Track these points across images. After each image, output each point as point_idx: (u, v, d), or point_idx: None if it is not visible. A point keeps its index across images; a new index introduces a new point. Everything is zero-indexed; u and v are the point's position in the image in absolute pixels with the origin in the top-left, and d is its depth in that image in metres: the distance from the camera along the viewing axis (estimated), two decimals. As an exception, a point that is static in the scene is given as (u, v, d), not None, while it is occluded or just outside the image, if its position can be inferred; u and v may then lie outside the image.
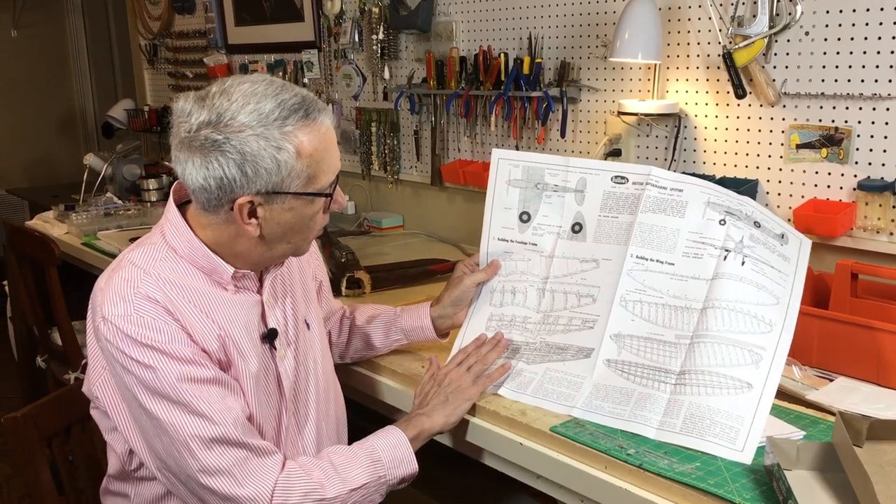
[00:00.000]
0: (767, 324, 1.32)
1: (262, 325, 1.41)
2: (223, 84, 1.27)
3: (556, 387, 1.46)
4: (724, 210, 1.41)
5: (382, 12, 2.89)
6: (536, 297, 1.59)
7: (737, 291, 1.36)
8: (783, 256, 1.34)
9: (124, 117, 4.42)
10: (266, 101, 1.24)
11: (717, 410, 1.29)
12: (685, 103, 2.14)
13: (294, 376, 1.45)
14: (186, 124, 1.24)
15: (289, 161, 1.24)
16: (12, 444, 1.50)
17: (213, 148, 1.22)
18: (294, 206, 1.29)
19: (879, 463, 1.16)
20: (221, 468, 1.24)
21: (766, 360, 1.30)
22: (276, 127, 1.23)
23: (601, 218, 1.53)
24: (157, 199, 3.50)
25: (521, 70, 2.42)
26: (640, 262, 1.47)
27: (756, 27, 1.92)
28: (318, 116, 1.28)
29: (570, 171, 1.58)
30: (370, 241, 2.90)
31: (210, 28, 3.87)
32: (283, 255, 1.39)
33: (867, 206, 1.83)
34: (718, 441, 1.27)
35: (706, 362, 1.34)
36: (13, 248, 2.82)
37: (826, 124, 1.88)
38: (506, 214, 1.63)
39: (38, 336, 2.92)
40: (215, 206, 1.28)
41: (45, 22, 5.59)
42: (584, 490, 1.33)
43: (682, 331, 1.39)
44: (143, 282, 1.27)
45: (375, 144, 3.08)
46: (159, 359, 1.23)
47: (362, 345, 1.73)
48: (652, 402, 1.35)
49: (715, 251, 1.40)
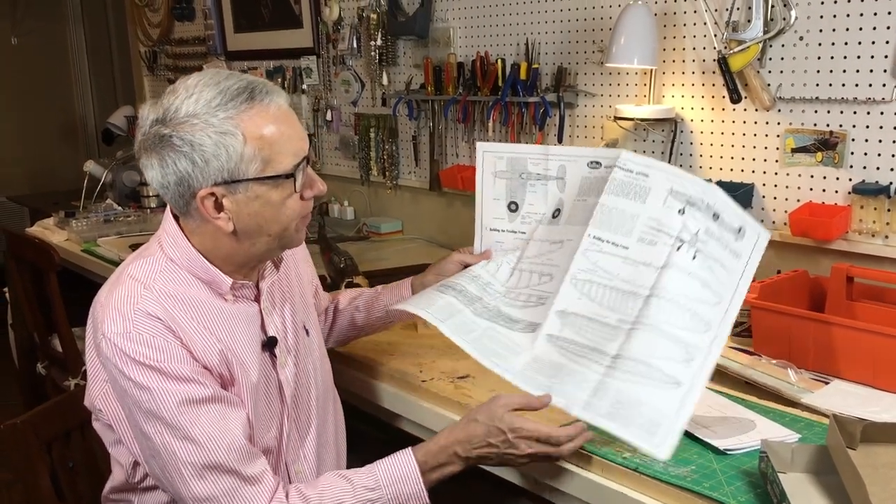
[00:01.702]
0: (705, 323, 1.32)
1: (262, 334, 1.40)
2: (176, 83, 1.28)
3: (495, 346, 1.43)
4: (686, 199, 1.40)
5: (380, 19, 2.91)
6: (507, 273, 1.59)
7: (682, 285, 1.36)
8: (735, 253, 1.34)
9: (124, 124, 4.42)
10: (208, 89, 1.24)
11: (642, 402, 1.27)
12: (681, 108, 2.15)
13: (295, 383, 1.45)
14: (144, 127, 1.26)
15: (236, 146, 1.23)
16: (12, 450, 1.51)
17: (162, 144, 1.24)
18: (258, 193, 1.27)
19: (873, 465, 1.17)
20: (211, 496, 1.24)
21: (698, 360, 1.29)
22: (219, 112, 1.23)
23: (576, 202, 1.54)
24: (156, 206, 3.50)
25: (518, 76, 2.43)
26: (595, 243, 1.46)
27: (751, 32, 1.94)
28: (265, 98, 1.26)
29: (549, 159, 1.60)
30: (369, 246, 2.91)
31: (209, 35, 3.88)
32: (268, 249, 1.35)
33: (862, 210, 1.84)
34: (640, 432, 1.24)
35: (640, 351, 1.32)
36: (13, 254, 2.83)
37: (821, 128, 1.89)
38: (495, 205, 1.65)
39: (39, 342, 2.93)
40: (184, 206, 1.29)
41: (46, 29, 5.61)
42: (581, 493, 1.34)
43: (624, 315, 1.38)
44: (144, 298, 1.26)
45: (374, 150, 3.09)
46: (158, 379, 1.23)
47: (347, 326, 1.73)
48: (581, 380, 1.33)
49: (669, 240, 1.39)
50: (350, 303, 1.74)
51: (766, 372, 1.59)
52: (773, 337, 1.67)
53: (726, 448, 1.33)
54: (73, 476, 1.65)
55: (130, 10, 4.54)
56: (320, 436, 1.50)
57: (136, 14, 4.46)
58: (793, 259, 1.96)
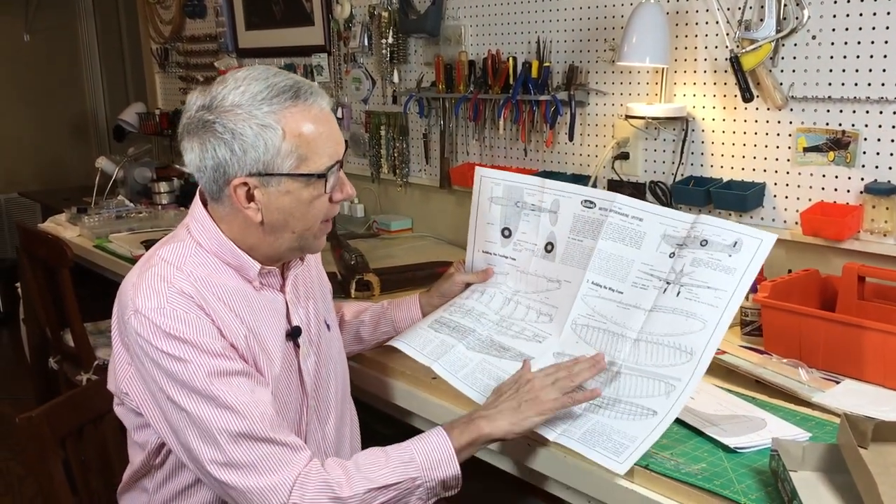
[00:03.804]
0: (688, 353, 1.35)
1: (287, 323, 1.42)
2: (226, 74, 1.33)
3: (487, 379, 1.48)
4: (677, 243, 1.44)
5: (392, 16, 2.91)
6: (501, 303, 1.64)
7: (667, 324, 1.39)
8: (727, 270, 1.36)
9: (136, 121, 4.45)
10: (256, 83, 1.28)
11: (616, 431, 1.32)
12: (693, 107, 2.15)
13: (315, 375, 1.46)
14: (189, 112, 1.31)
15: (275, 140, 1.27)
16: (26, 443, 1.52)
17: (205, 129, 1.28)
18: (290, 188, 1.30)
19: (884, 464, 1.16)
20: (248, 462, 1.24)
21: (678, 389, 1.33)
22: (263, 106, 1.26)
23: (570, 240, 1.58)
24: (167, 202, 3.51)
25: (529, 74, 2.43)
26: (594, 289, 1.51)
27: (763, 31, 1.93)
28: (309, 98, 1.30)
29: (545, 192, 1.63)
30: (379, 243, 2.91)
31: (221, 32, 3.90)
32: (290, 247, 1.38)
33: (874, 210, 1.83)
34: (605, 453, 1.30)
35: (625, 392, 1.37)
36: (26, 250, 2.85)
37: (833, 128, 1.89)
38: (489, 229, 1.69)
39: (51, 338, 2.95)
40: (217, 192, 1.32)
41: (57, 26, 5.63)
42: (592, 491, 1.34)
43: (613, 358, 1.42)
44: (176, 277, 1.29)
45: (385, 147, 3.10)
46: (190, 351, 1.25)
47: (351, 339, 1.74)
48: (563, 413, 1.38)
49: (659, 283, 1.44)
50: (356, 316, 1.75)
51: (777, 371, 1.59)
52: (784, 336, 1.67)
53: (737, 446, 1.33)
54: (86, 470, 1.66)
55: (142, 7, 4.56)
56: (338, 429, 1.51)
57: (148, 11, 4.48)
58: (804, 258, 1.96)
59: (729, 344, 1.76)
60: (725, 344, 1.76)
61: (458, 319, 1.61)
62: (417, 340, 1.58)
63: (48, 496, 1.54)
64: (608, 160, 2.34)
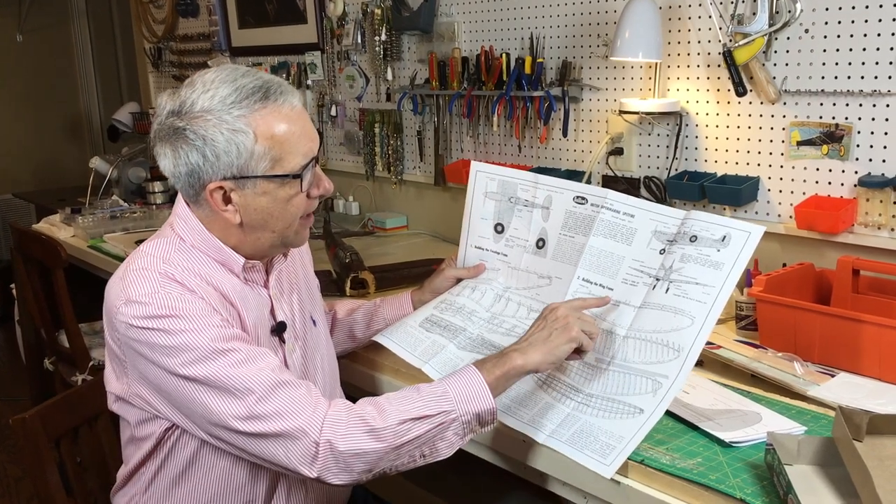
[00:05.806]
0: (676, 350, 1.34)
1: (272, 319, 1.43)
2: (194, 76, 1.31)
3: None
4: (667, 239, 1.44)
5: (385, 14, 2.91)
6: (492, 299, 1.63)
7: (655, 321, 1.39)
8: (716, 265, 1.36)
9: (129, 121, 4.43)
10: (224, 86, 1.27)
11: (604, 431, 1.32)
12: (686, 101, 2.15)
13: (302, 371, 1.46)
14: (160, 117, 1.30)
15: (247, 144, 1.26)
16: (21, 444, 1.51)
17: (176, 136, 1.27)
18: (266, 189, 1.30)
19: (879, 457, 1.16)
20: (271, 410, 1.22)
21: (665, 387, 1.32)
22: (233, 110, 1.26)
23: (561, 236, 1.58)
24: (162, 202, 3.52)
25: (522, 70, 2.43)
26: (585, 285, 1.51)
27: (756, 25, 1.93)
28: (279, 98, 1.29)
29: (538, 187, 1.63)
30: (374, 241, 2.91)
31: (214, 31, 3.89)
32: (271, 244, 1.38)
33: (868, 203, 1.83)
34: (592, 455, 1.30)
35: (612, 390, 1.37)
36: (20, 251, 2.84)
37: (826, 121, 1.89)
38: (482, 224, 1.69)
39: (46, 338, 2.94)
40: (194, 196, 1.32)
41: (50, 26, 5.62)
42: (588, 487, 1.34)
43: (602, 354, 1.42)
44: (164, 267, 1.29)
45: (379, 145, 3.10)
46: (190, 322, 1.24)
47: (344, 337, 1.74)
48: (553, 413, 1.39)
49: (649, 280, 1.44)
50: (349, 314, 1.75)
51: (772, 365, 1.59)
52: (779, 330, 1.67)
53: (732, 440, 1.33)
54: (82, 471, 1.66)
55: (135, 6, 4.54)
56: None
57: (141, 10, 4.46)
58: (798, 252, 1.96)
59: (724, 338, 1.76)
60: (720, 338, 1.76)
61: (448, 318, 1.60)
62: (408, 340, 1.57)
63: (43, 498, 1.53)
64: (602, 156, 2.34)
